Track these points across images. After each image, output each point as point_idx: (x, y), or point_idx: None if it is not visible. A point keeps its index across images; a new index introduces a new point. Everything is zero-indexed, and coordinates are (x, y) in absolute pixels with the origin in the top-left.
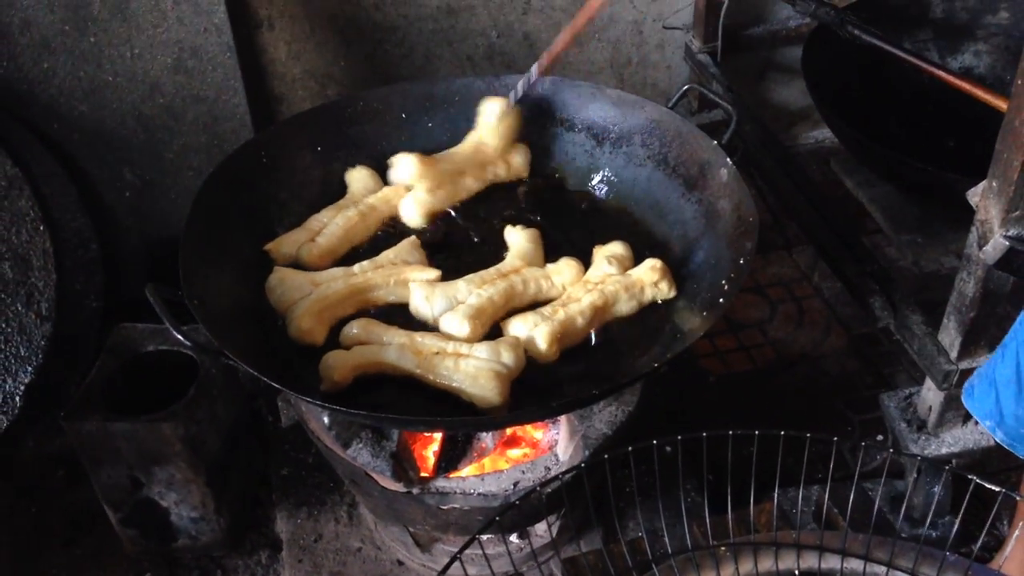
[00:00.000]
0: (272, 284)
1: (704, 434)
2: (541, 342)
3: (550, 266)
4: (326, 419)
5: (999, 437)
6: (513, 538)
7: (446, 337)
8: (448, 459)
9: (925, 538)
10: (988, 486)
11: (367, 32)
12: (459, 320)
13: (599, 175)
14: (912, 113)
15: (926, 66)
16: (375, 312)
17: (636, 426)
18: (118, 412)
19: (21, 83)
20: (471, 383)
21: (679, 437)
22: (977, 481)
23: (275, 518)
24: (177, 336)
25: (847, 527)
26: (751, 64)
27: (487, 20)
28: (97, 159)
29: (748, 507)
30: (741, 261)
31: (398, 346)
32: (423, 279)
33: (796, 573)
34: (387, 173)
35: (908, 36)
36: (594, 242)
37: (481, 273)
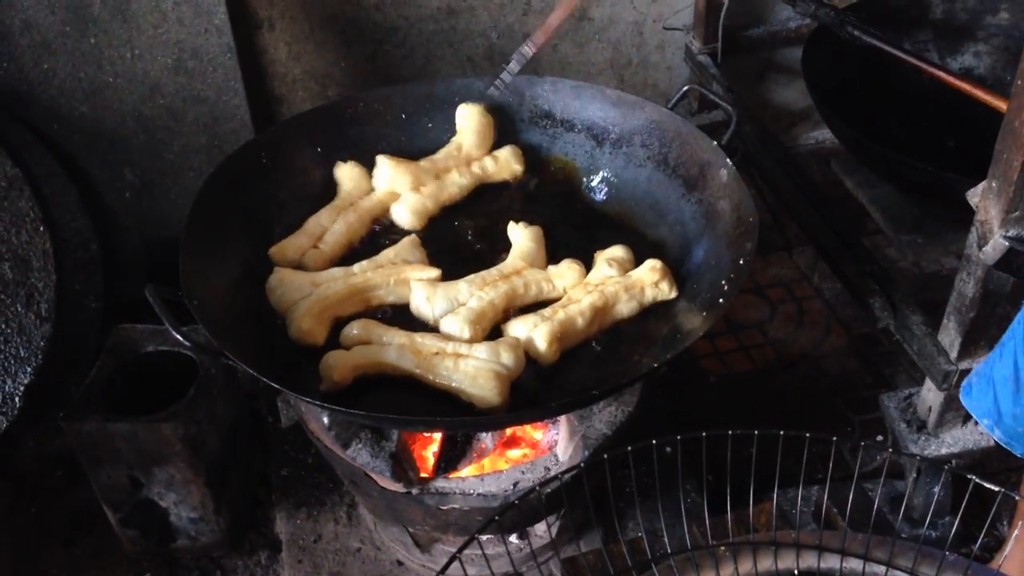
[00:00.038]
0: (272, 284)
1: (703, 434)
2: (541, 342)
3: (551, 268)
4: (326, 419)
5: (997, 436)
6: (513, 538)
7: (446, 337)
8: (448, 459)
9: (925, 538)
10: (987, 486)
11: (368, 33)
12: (460, 324)
13: (599, 176)
14: (912, 113)
15: (926, 67)
16: (375, 312)
17: (636, 426)
18: (118, 412)
19: (22, 84)
20: (471, 383)
21: (678, 437)
22: (976, 481)
23: (275, 518)
24: (177, 336)
25: (846, 527)
26: (751, 65)
27: (487, 21)
28: (97, 160)
29: (747, 507)
30: (741, 261)
31: (398, 346)
32: (424, 278)
33: (795, 573)
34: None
35: (908, 37)
36: (594, 243)
37: (482, 274)
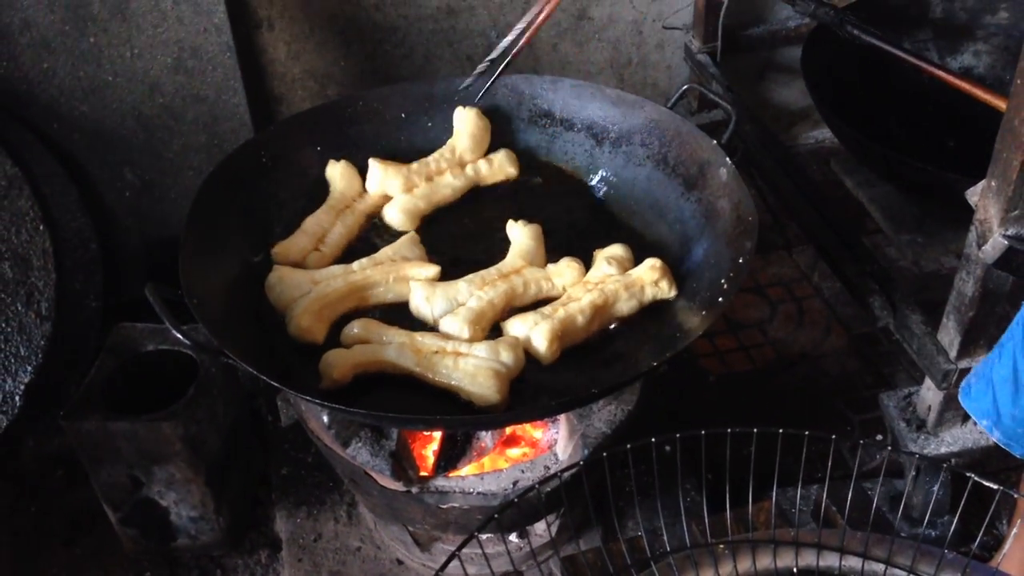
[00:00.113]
0: (272, 282)
1: (703, 432)
2: (541, 341)
3: (551, 267)
4: (325, 418)
5: (996, 437)
6: (512, 537)
7: (445, 336)
8: (447, 458)
9: (924, 537)
10: (986, 483)
11: (367, 32)
12: (459, 324)
13: (598, 175)
14: (912, 113)
15: (926, 66)
16: (374, 310)
17: (635, 425)
18: (118, 412)
19: (21, 83)
20: (470, 381)
21: (678, 435)
22: (975, 479)
23: (275, 517)
24: (177, 335)
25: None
26: (751, 64)
27: (487, 20)
28: (97, 159)
29: (747, 506)
30: (740, 260)
31: (398, 345)
32: (423, 275)
33: (794, 571)
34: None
35: (908, 36)
36: (594, 242)
37: (482, 273)
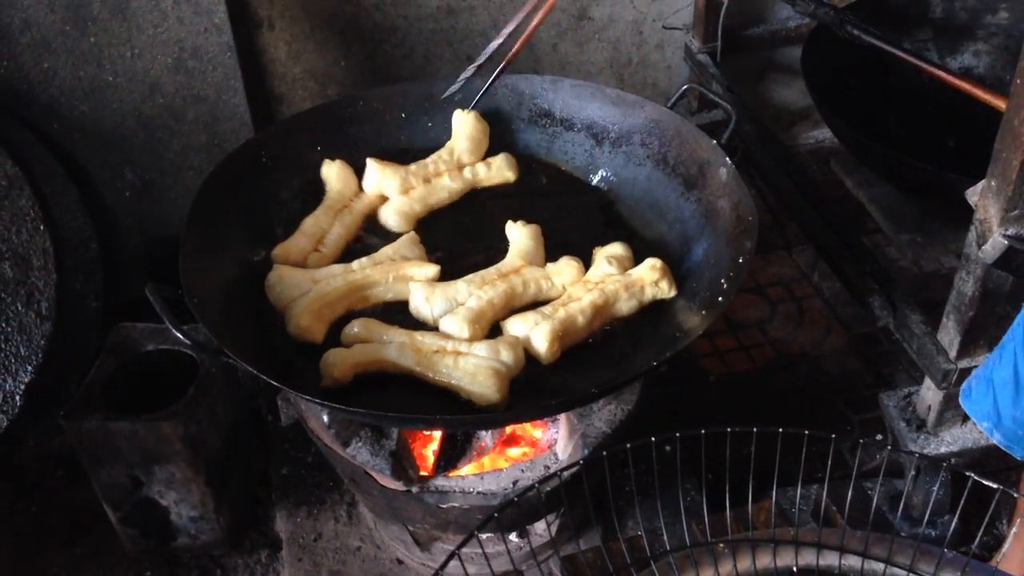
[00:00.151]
0: (271, 282)
1: (703, 431)
2: (542, 341)
3: (550, 266)
4: (325, 418)
5: (996, 439)
6: (512, 537)
7: (445, 335)
8: (447, 458)
9: (924, 537)
10: (985, 482)
11: (367, 32)
12: (459, 323)
13: (598, 174)
14: (912, 113)
15: (926, 66)
16: (374, 310)
17: (635, 425)
18: (118, 411)
19: (21, 83)
20: (470, 381)
21: (677, 434)
22: (975, 478)
23: (275, 517)
24: (177, 335)
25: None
26: (751, 64)
27: (487, 20)
28: (97, 159)
29: (747, 505)
30: (740, 260)
31: (398, 344)
32: (422, 275)
33: (794, 570)
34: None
35: (908, 36)
36: (593, 241)
37: (481, 273)
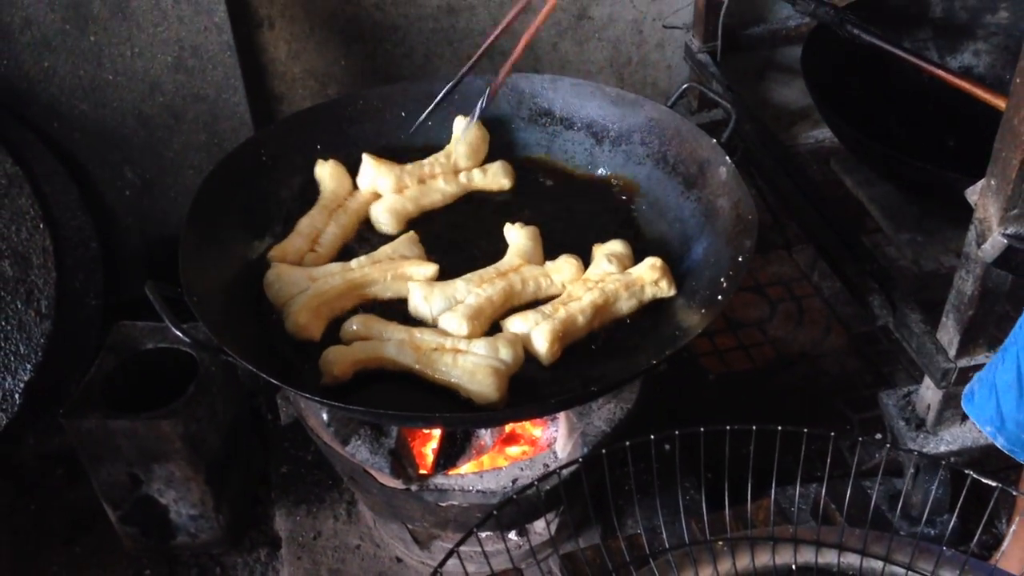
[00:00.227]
0: (270, 279)
1: (702, 429)
2: (542, 341)
3: (549, 264)
4: (325, 416)
5: (1000, 443)
6: (512, 535)
7: (444, 333)
8: (447, 456)
9: (923, 536)
10: (984, 481)
11: (367, 31)
12: (458, 320)
13: (598, 173)
14: (912, 112)
15: (926, 65)
16: (373, 308)
17: (635, 424)
18: (118, 410)
19: (21, 82)
20: (469, 379)
21: (677, 433)
22: (974, 476)
23: (274, 516)
24: (177, 334)
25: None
26: (751, 63)
27: (487, 19)
28: (97, 158)
29: (746, 504)
30: (740, 259)
31: (397, 342)
32: (421, 274)
33: (793, 568)
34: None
35: (908, 35)
36: (593, 240)
37: (480, 272)
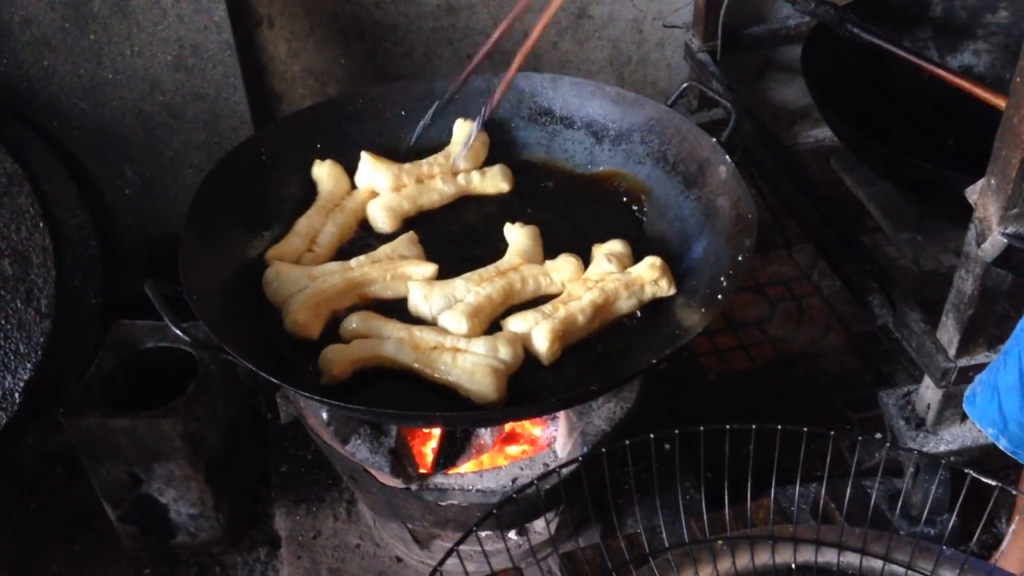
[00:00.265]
0: (269, 278)
1: (701, 428)
2: (543, 341)
3: (549, 263)
4: (325, 415)
5: (1002, 445)
6: (512, 534)
7: (444, 331)
8: (447, 456)
9: (923, 536)
10: (984, 480)
11: (367, 30)
12: (457, 318)
13: (598, 172)
14: (912, 111)
15: (926, 65)
16: (372, 307)
17: (635, 423)
18: (117, 409)
19: (21, 80)
20: (468, 378)
21: (676, 432)
22: (973, 475)
23: (274, 515)
24: (176, 332)
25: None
26: (751, 63)
27: (487, 19)
28: (97, 156)
29: (745, 503)
30: (740, 258)
31: (396, 340)
32: (420, 273)
33: (792, 567)
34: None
35: (908, 35)
36: (593, 240)
37: (479, 271)
